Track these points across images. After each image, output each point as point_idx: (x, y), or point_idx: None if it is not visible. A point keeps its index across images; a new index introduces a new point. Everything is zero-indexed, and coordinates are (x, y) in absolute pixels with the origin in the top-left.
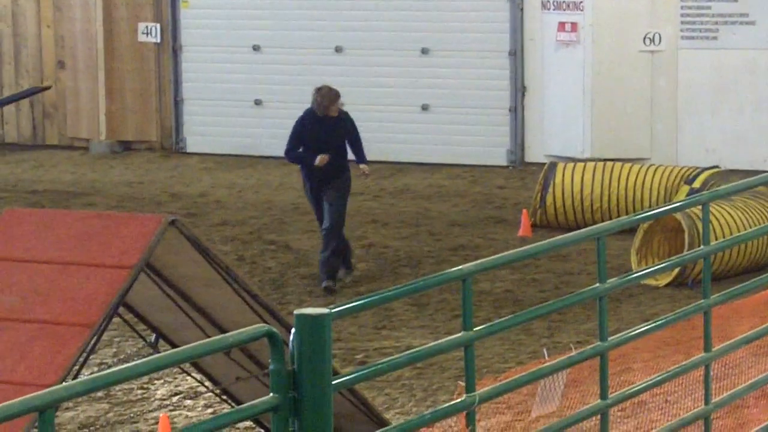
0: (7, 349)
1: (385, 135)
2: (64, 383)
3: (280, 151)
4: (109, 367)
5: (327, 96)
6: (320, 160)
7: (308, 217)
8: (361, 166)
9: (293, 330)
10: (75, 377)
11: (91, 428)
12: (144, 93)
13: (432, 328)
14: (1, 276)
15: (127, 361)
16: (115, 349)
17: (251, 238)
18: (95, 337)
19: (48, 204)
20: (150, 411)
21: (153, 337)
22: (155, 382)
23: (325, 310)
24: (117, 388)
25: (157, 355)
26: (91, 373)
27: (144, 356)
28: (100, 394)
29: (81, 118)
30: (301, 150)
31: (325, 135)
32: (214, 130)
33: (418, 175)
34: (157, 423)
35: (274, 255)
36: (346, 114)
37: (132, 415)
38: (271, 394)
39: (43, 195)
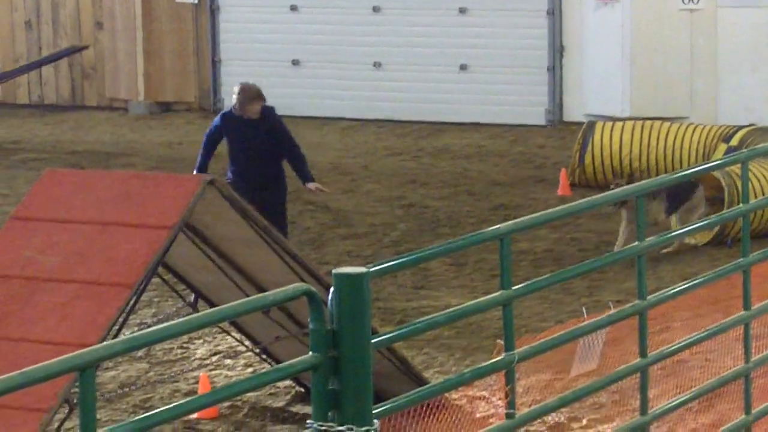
0: (48, 309)
1: (424, 95)
2: (104, 343)
3: (317, 111)
4: (149, 327)
5: (244, 93)
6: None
7: (348, 177)
8: (308, 185)
9: (332, 289)
10: (115, 337)
11: (132, 387)
12: (182, 53)
13: (470, 287)
14: (42, 237)
15: (167, 321)
16: (154, 310)
17: (290, 198)
18: (135, 297)
19: (87, 165)
20: (190, 370)
21: (192, 297)
22: (195, 341)
23: (363, 269)
24: (157, 347)
25: (197, 315)
26: (131, 333)
27: (183, 316)
28: (140, 353)
29: (119, 78)
30: (228, 166)
31: (246, 140)
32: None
33: (456, 134)
34: (197, 382)
35: (313, 215)
36: (270, 111)
37: (172, 374)
38: (311, 354)
39: (82, 156)
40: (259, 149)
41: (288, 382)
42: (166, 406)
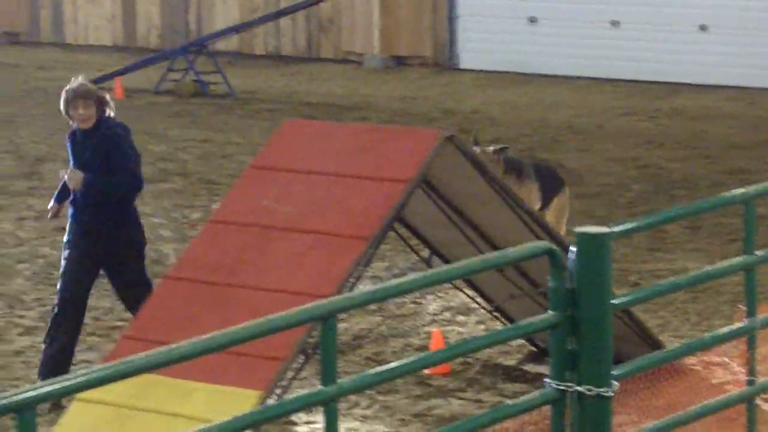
0: (283, 258)
1: (661, 55)
2: (344, 294)
3: (552, 69)
4: (381, 280)
5: (66, 91)
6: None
7: (581, 137)
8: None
9: (574, 248)
10: (350, 289)
11: (365, 340)
12: (418, 8)
13: (706, 251)
14: (280, 186)
15: (400, 276)
16: (387, 263)
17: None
18: (371, 250)
19: (321, 117)
20: (422, 325)
21: (428, 253)
22: (427, 297)
23: (606, 230)
24: (391, 301)
25: (436, 269)
26: (365, 286)
27: (416, 271)
28: (373, 306)
29: (356, 32)
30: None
31: (78, 158)
32: (488, 46)
33: (693, 95)
34: (429, 338)
35: None
36: (109, 125)
37: (405, 328)
38: (550, 312)
39: (315, 108)
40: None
41: (520, 341)
42: (401, 361)
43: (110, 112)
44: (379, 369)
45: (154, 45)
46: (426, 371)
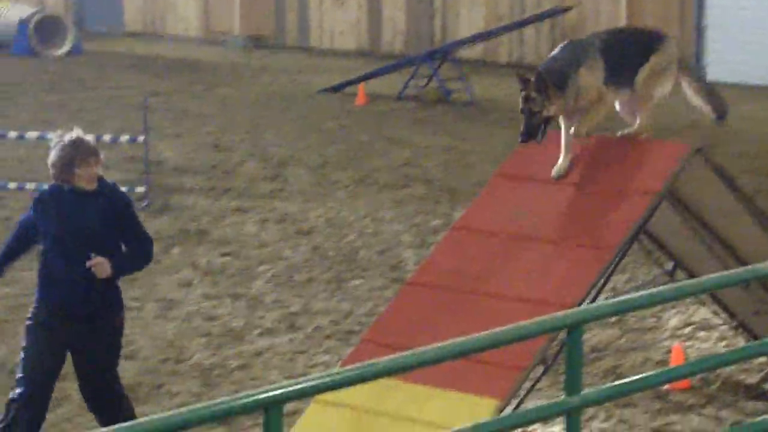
0: (527, 268)
1: None
2: (591, 304)
3: None
4: (622, 293)
5: (74, 146)
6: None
7: None
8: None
9: None
10: (592, 301)
11: (602, 353)
12: (665, 18)
13: None
14: (524, 195)
15: (641, 289)
16: (628, 275)
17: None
18: (615, 262)
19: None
20: (662, 340)
21: (671, 265)
22: (668, 311)
23: None
24: (630, 314)
25: (683, 283)
26: (606, 298)
27: (658, 285)
28: (612, 319)
29: None
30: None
31: (74, 223)
32: (736, 58)
33: None
34: (668, 353)
35: None
36: (107, 185)
37: (643, 342)
38: None
39: None
40: (89, 241)
41: (763, 359)
42: (641, 375)
43: None
44: (622, 381)
45: (398, 51)
46: (665, 386)
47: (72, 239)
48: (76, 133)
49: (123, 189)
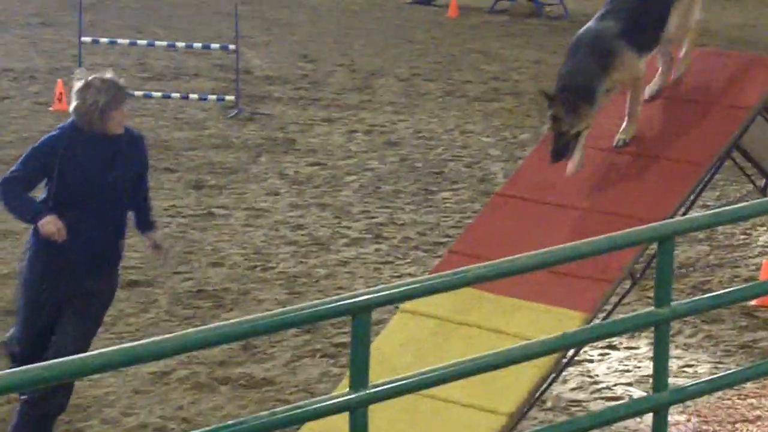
0: (618, 181)
1: None
2: (682, 217)
3: None
4: (711, 209)
5: (107, 93)
6: (48, 224)
7: None
8: (150, 234)
9: None
10: (683, 215)
11: (690, 269)
12: None
13: None
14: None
15: (731, 205)
16: (718, 192)
17: None
18: (707, 177)
19: None
20: (751, 257)
21: (763, 182)
22: (758, 228)
23: None
24: (719, 230)
25: None
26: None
27: (748, 201)
28: (700, 235)
29: None
30: (41, 197)
31: (99, 171)
32: None
33: None
34: (758, 269)
35: None
36: (137, 135)
37: (732, 258)
38: None
39: None
40: (112, 191)
41: None
42: (727, 289)
43: None
44: (713, 294)
45: None
46: (753, 302)
47: (87, 189)
48: (109, 73)
49: (212, 97)
